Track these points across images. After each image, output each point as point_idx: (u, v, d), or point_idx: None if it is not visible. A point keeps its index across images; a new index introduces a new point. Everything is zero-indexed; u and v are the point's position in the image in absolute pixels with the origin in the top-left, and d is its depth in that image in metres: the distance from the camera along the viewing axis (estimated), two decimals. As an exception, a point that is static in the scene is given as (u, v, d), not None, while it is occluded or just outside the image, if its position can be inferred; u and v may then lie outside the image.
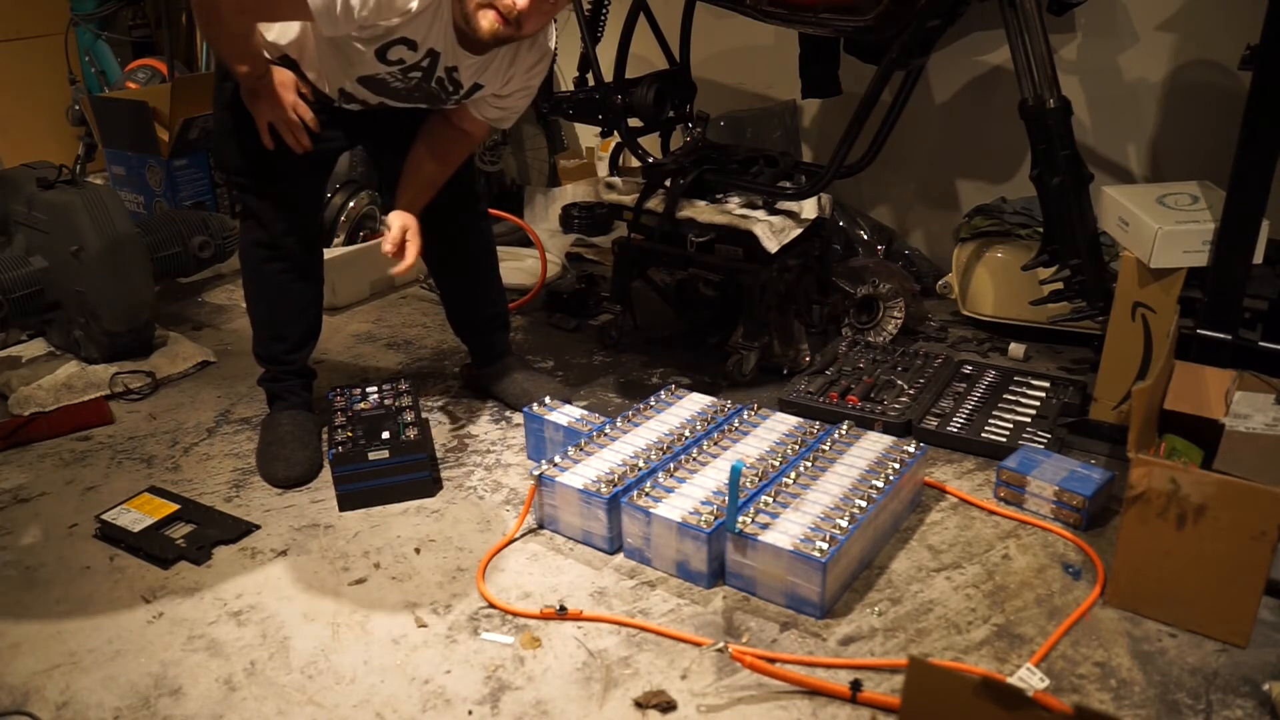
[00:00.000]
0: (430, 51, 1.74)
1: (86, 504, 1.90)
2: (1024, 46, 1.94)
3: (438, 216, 2.00)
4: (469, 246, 2.17)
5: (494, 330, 2.26)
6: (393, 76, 1.79)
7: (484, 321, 2.25)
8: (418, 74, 1.79)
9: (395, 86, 1.83)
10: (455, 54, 1.76)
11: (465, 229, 2.15)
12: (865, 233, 2.80)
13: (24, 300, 2.29)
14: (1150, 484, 1.44)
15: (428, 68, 1.77)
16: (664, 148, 2.70)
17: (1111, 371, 1.98)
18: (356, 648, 1.50)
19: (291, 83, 1.81)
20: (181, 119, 3.00)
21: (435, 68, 1.78)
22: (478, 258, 2.20)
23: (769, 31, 2.84)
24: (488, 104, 1.92)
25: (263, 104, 1.80)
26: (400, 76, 1.79)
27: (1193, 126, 2.42)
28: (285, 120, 1.81)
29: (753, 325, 2.28)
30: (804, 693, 1.38)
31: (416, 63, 1.76)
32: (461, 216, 2.12)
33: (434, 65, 1.77)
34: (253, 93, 1.79)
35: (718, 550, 1.61)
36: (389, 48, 1.72)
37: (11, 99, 3.93)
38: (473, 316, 2.25)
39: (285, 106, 1.80)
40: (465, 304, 2.24)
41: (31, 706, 1.40)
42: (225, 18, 1.66)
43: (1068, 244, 1.97)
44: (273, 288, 2.02)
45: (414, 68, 1.77)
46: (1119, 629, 1.50)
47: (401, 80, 1.81)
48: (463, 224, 2.14)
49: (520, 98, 1.94)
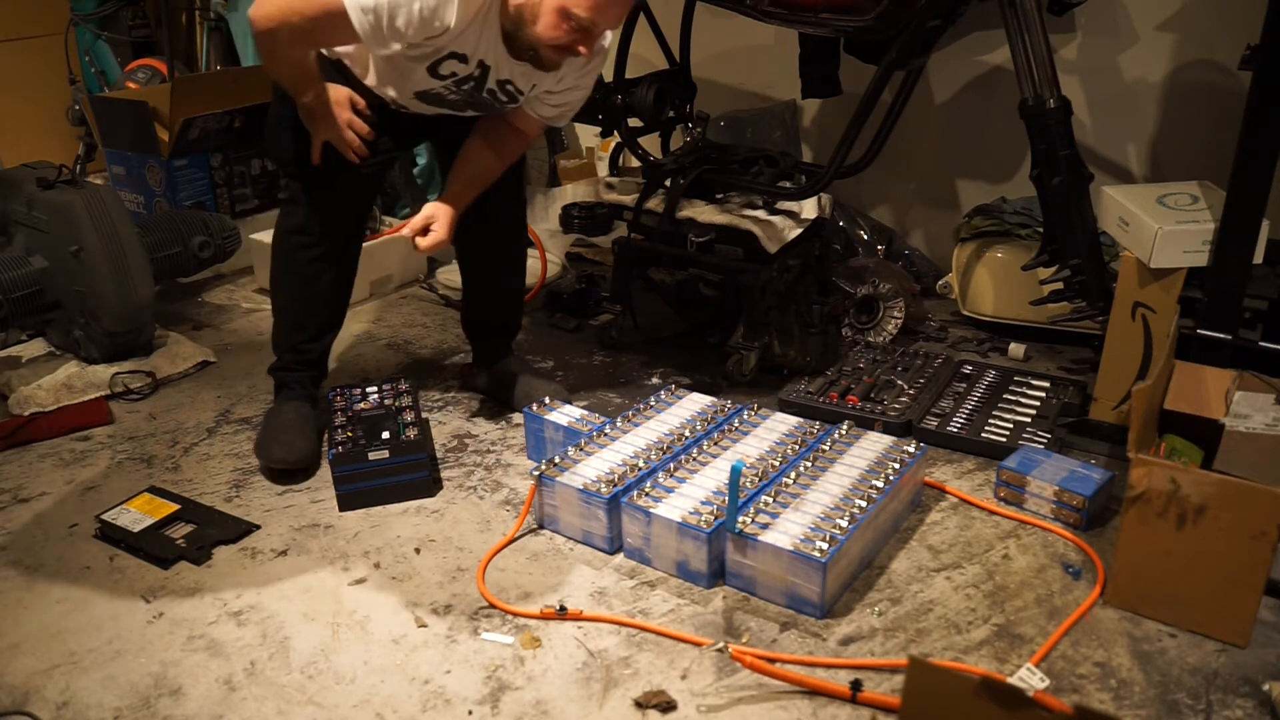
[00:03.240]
0: (480, 64, 1.78)
1: (86, 504, 1.90)
2: (1024, 46, 1.94)
3: (485, 208, 2.02)
4: (508, 244, 2.19)
5: (504, 335, 2.28)
6: (447, 90, 1.83)
7: (498, 326, 2.27)
8: (470, 84, 1.82)
9: (451, 99, 1.87)
10: (507, 66, 1.79)
11: (508, 226, 2.16)
12: (865, 233, 2.80)
13: (24, 300, 2.29)
14: (1150, 484, 1.44)
15: (479, 78, 1.80)
16: (664, 148, 2.70)
17: (1111, 371, 1.98)
18: (356, 648, 1.50)
19: (346, 100, 1.85)
20: (181, 119, 2.99)
21: (486, 79, 1.81)
22: (515, 259, 2.22)
23: (769, 31, 2.84)
24: (542, 102, 1.93)
25: (320, 124, 1.84)
26: (454, 89, 1.83)
27: (1193, 126, 2.42)
28: (340, 139, 1.85)
29: (753, 325, 2.28)
30: (804, 693, 1.38)
31: (469, 74, 1.79)
32: (506, 211, 2.13)
33: (485, 76, 1.80)
34: (310, 113, 1.82)
35: (718, 550, 1.61)
36: (440, 63, 1.76)
37: (11, 99, 3.92)
38: (490, 318, 2.26)
39: (340, 125, 1.84)
40: (487, 304, 2.25)
41: (31, 706, 1.40)
42: (281, 48, 1.71)
43: (1068, 244, 1.97)
44: (301, 276, 2.04)
45: (466, 79, 1.80)
46: (1119, 629, 1.50)
47: (456, 93, 1.84)
48: (506, 220, 2.14)
49: (574, 94, 1.95)
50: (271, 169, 3.29)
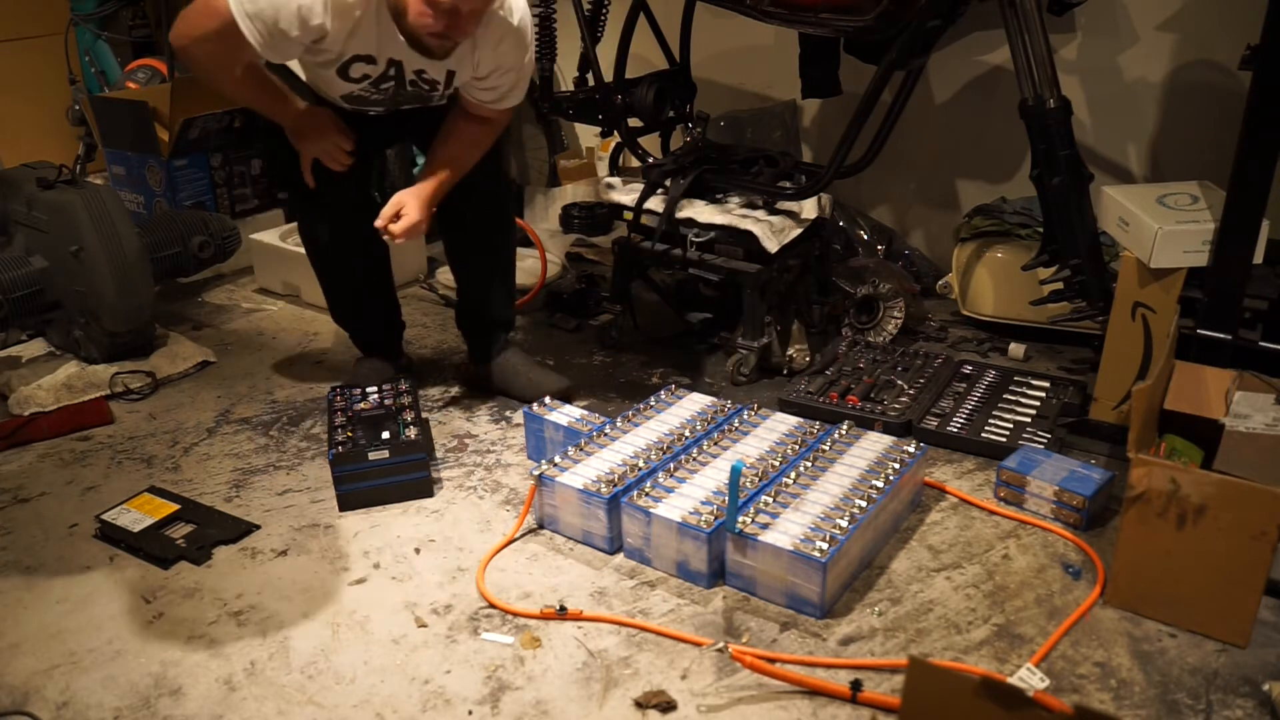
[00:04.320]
0: (391, 61, 1.86)
1: (86, 504, 1.90)
2: (1024, 46, 1.94)
3: (464, 192, 2.05)
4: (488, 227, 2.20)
5: (498, 328, 2.28)
6: (367, 92, 1.92)
7: (489, 319, 2.27)
8: (390, 84, 1.91)
9: (376, 99, 1.94)
10: (416, 59, 1.86)
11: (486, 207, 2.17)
12: (865, 233, 2.80)
13: (24, 300, 2.29)
14: (1150, 484, 1.44)
15: (395, 76, 1.89)
16: (664, 148, 2.70)
17: (1111, 371, 1.98)
18: (356, 648, 1.50)
19: (330, 120, 1.97)
20: (181, 119, 2.99)
21: (403, 74, 1.89)
22: (496, 245, 2.23)
23: (769, 31, 2.84)
24: (476, 88, 1.97)
25: (305, 143, 1.98)
26: (374, 89, 1.92)
27: (1193, 126, 2.42)
28: (326, 154, 1.97)
29: (753, 325, 2.28)
30: (804, 693, 1.38)
31: (383, 73, 1.88)
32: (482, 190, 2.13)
33: (400, 73, 1.89)
34: (295, 133, 1.97)
35: (718, 550, 1.61)
36: (348, 66, 1.84)
37: (11, 99, 3.92)
38: (480, 310, 2.27)
39: (327, 143, 1.96)
40: (475, 295, 2.27)
41: (31, 706, 1.40)
42: (206, 68, 1.88)
43: (1068, 244, 1.97)
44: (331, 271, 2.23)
45: (382, 79, 1.89)
46: (1119, 629, 1.50)
47: (378, 92, 1.92)
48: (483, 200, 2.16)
49: (505, 75, 1.96)
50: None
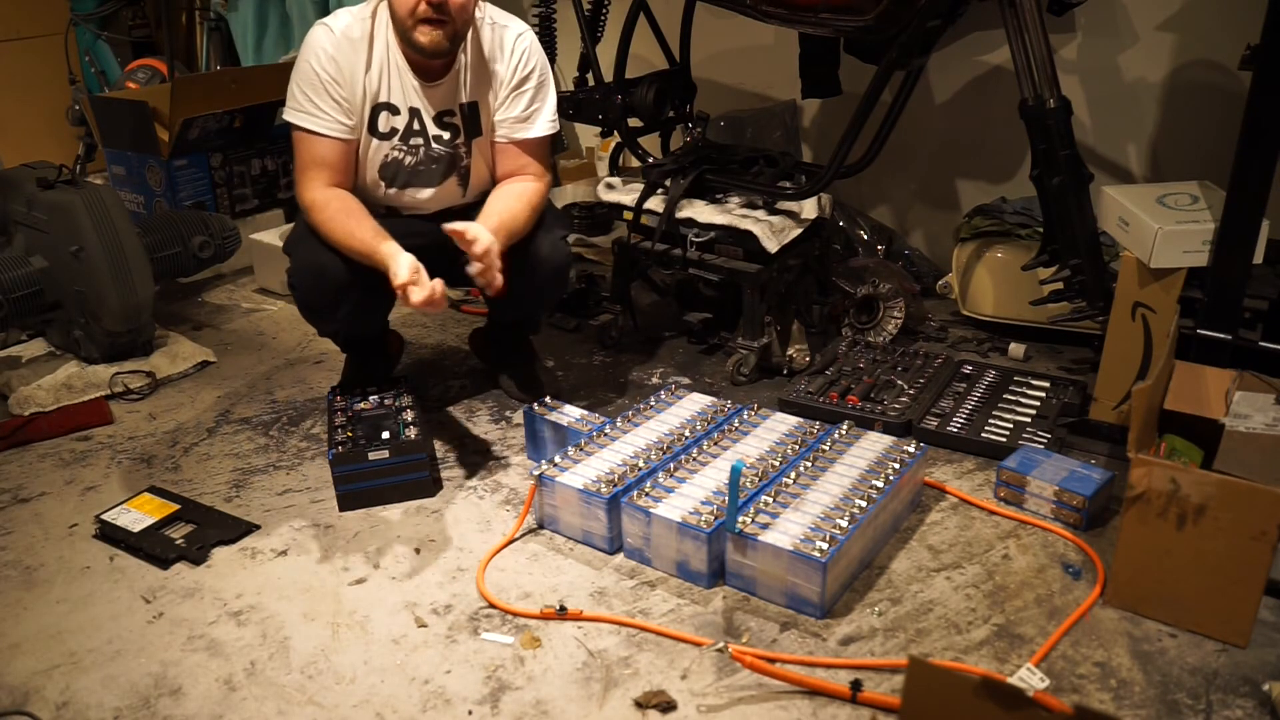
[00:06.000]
0: (412, 110, 1.91)
1: (86, 504, 1.90)
2: (1024, 46, 1.94)
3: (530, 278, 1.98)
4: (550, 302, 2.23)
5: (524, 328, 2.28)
6: (398, 150, 1.95)
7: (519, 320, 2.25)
8: (419, 140, 1.95)
9: (409, 162, 1.97)
10: (431, 98, 1.91)
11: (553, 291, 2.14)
12: (865, 233, 2.80)
13: (24, 300, 2.29)
14: (1150, 484, 1.44)
15: (420, 130, 1.95)
16: (664, 148, 2.70)
17: (1111, 371, 1.98)
18: (356, 648, 1.50)
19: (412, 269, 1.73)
20: (181, 119, 2.99)
21: (425, 124, 1.94)
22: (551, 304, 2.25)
23: (769, 31, 2.84)
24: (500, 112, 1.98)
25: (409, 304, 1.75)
26: (403, 147, 1.95)
27: (1193, 126, 2.42)
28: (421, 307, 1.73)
29: (752, 325, 2.28)
30: (804, 693, 1.38)
31: (408, 125, 1.95)
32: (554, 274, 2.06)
33: (422, 123, 1.93)
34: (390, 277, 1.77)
35: (718, 550, 1.61)
36: (376, 116, 1.92)
37: (11, 99, 3.93)
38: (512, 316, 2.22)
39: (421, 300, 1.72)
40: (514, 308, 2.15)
41: (31, 706, 1.40)
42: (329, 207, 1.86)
43: (1068, 244, 1.97)
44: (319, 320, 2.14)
45: (409, 132, 1.93)
46: (1119, 629, 1.50)
47: (409, 152, 1.96)
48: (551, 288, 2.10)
49: (523, 81, 1.97)
50: (271, 169, 3.31)
